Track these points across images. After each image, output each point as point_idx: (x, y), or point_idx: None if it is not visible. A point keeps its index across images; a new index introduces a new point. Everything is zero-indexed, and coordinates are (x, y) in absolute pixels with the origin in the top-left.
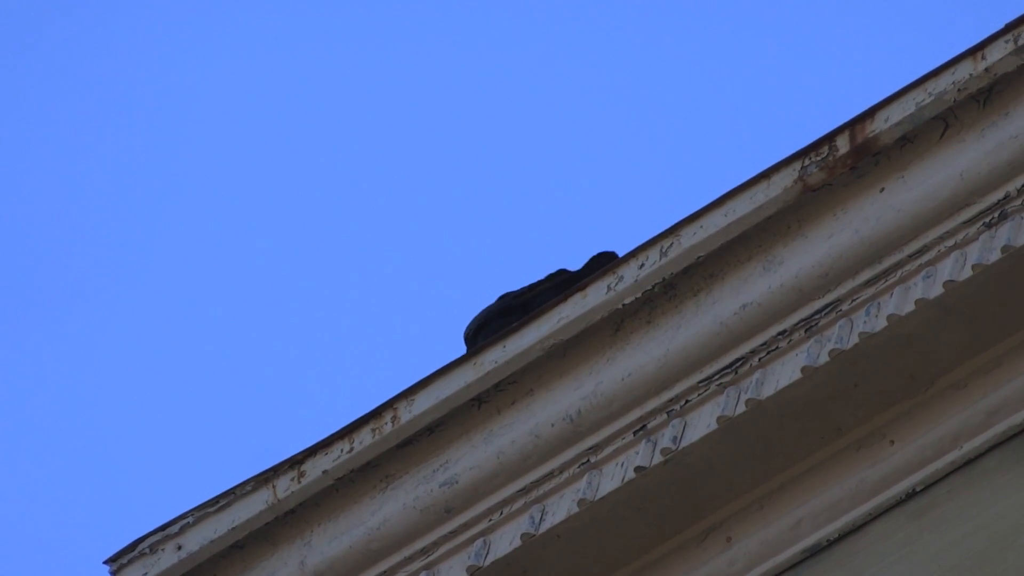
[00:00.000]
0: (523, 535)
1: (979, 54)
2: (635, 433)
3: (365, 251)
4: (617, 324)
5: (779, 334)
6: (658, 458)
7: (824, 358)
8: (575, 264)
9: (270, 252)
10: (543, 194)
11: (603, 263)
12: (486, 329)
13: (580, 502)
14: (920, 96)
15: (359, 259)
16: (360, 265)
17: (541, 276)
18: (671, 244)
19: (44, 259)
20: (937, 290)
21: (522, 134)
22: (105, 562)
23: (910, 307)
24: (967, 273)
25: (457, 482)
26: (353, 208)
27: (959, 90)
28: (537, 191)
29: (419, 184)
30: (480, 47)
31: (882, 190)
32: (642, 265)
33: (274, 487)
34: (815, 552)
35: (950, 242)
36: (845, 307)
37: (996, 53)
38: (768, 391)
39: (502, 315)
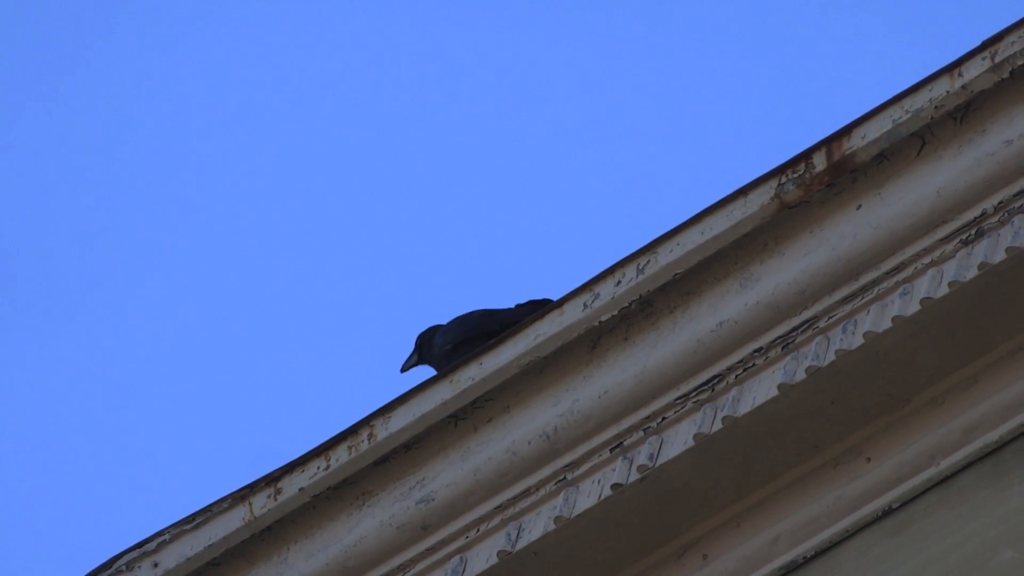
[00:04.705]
0: (500, 552)
1: (956, 71)
2: (612, 450)
3: (341, 269)
4: (594, 341)
5: (756, 351)
6: (635, 475)
7: (801, 375)
8: (551, 290)
9: (247, 272)
10: (520, 212)
11: (533, 310)
12: (462, 349)
13: (557, 519)
14: (897, 113)
15: (335, 277)
16: (336, 283)
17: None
18: (648, 261)
19: (23, 270)
20: (914, 307)
21: (502, 153)
22: None
23: (887, 324)
24: (944, 290)
25: (434, 499)
26: (331, 226)
27: (936, 107)
28: (514, 209)
29: (395, 201)
30: (465, 66)
31: (859, 207)
32: (619, 282)
33: (251, 504)
34: (792, 569)
35: (927, 259)
36: (822, 324)
37: (973, 70)
38: (745, 408)
39: (480, 339)
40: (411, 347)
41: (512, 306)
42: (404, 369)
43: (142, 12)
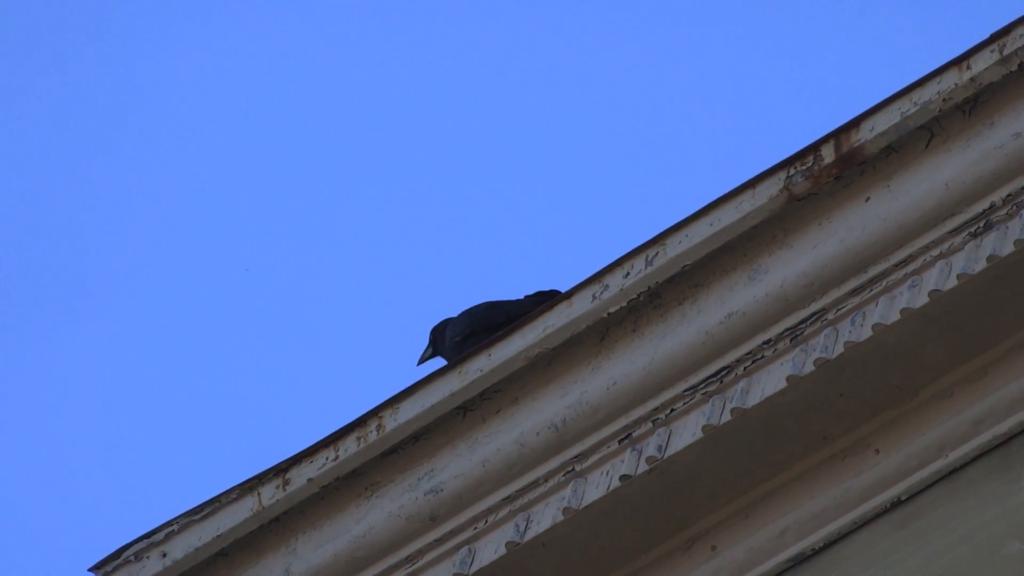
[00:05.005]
0: (508, 543)
1: (964, 64)
2: (620, 442)
3: (350, 260)
4: (602, 333)
5: (764, 343)
6: (643, 467)
7: (809, 367)
8: (559, 282)
9: (255, 262)
10: (530, 203)
11: (541, 301)
12: (470, 341)
13: (565, 511)
14: (905, 106)
15: (344, 268)
16: (345, 273)
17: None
18: (656, 253)
19: (19, 272)
20: (922, 299)
21: (509, 145)
22: (90, 569)
23: (895, 316)
24: (952, 283)
25: (442, 490)
26: (339, 217)
27: (944, 100)
28: (524, 200)
29: (404, 192)
30: (466, 63)
31: (867, 199)
32: (627, 274)
33: (259, 495)
34: (800, 561)
35: (935, 251)
36: (830, 316)
37: (981, 63)
38: (753, 400)
39: (488, 331)
40: (420, 338)
41: (521, 297)
42: (420, 362)
43: (139, 11)
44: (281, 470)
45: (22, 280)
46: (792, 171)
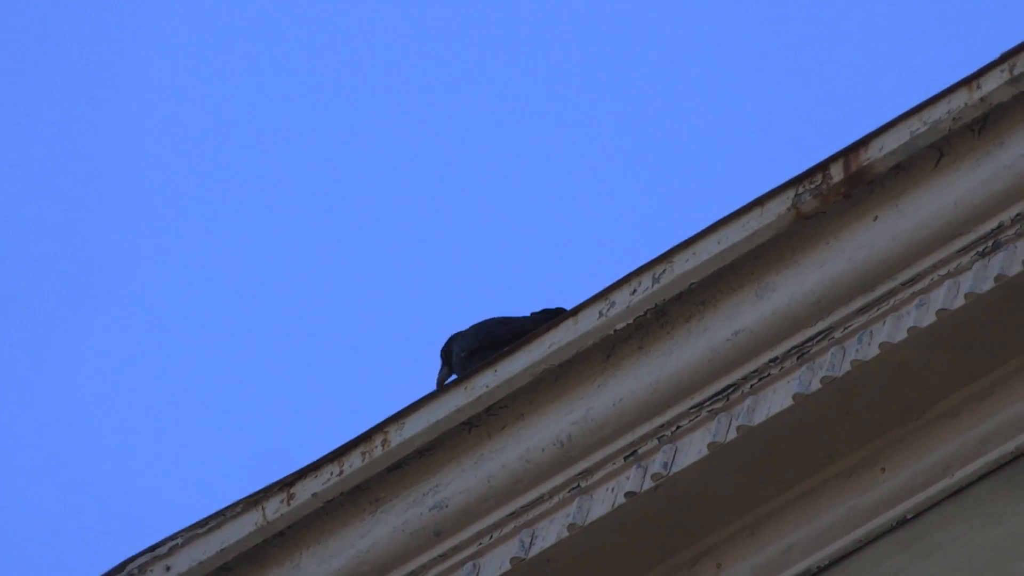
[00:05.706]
0: (513, 559)
1: (974, 83)
2: (626, 458)
3: (356, 275)
4: (608, 350)
5: (771, 361)
6: (649, 483)
7: (816, 385)
8: (566, 299)
9: (261, 275)
10: (537, 220)
11: (548, 318)
12: (476, 357)
13: (570, 527)
14: (915, 125)
15: (350, 282)
16: (352, 289)
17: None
18: (664, 270)
19: (19, 277)
20: (930, 319)
21: (519, 161)
22: None
23: (903, 335)
24: (960, 302)
25: (447, 506)
26: (346, 230)
27: (954, 119)
28: (531, 217)
29: (413, 208)
30: (483, 76)
31: (876, 218)
32: (634, 291)
33: (263, 509)
34: None
35: (943, 271)
36: (838, 335)
37: (991, 82)
38: (759, 418)
39: (494, 347)
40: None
41: (527, 314)
42: (439, 383)
43: (139, 10)
44: (286, 484)
45: (23, 287)
46: (801, 189)
